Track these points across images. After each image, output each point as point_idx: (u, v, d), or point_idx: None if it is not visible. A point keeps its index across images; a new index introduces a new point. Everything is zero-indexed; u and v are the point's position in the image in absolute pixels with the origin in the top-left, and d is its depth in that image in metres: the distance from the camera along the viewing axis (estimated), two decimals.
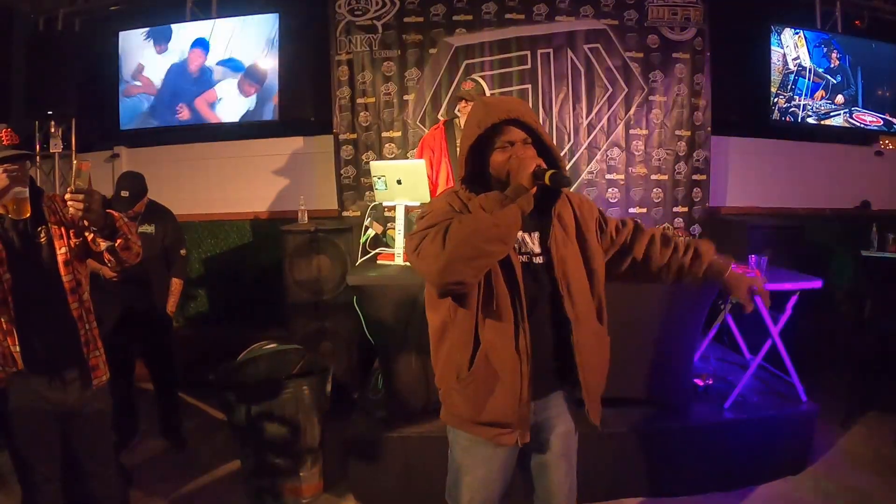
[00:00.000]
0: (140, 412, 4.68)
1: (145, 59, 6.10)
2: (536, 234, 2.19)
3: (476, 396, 2.16)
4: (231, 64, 6.01)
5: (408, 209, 4.02)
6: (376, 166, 4.05)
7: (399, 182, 3.92)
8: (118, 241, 2.57)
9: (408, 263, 3.86)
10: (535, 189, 1.97)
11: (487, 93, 4.76)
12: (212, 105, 6.07)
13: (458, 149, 4.63)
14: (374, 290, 3.77)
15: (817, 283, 4.17)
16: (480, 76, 5.52)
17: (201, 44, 6.03)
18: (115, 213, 2.58)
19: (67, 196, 2.33)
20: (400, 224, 3.94)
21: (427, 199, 3.99)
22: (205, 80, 6.06)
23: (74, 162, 2.39)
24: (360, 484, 3.84)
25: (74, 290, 2.63)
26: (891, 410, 4.88)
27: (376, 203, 4.18)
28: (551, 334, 2.19)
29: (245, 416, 3.64)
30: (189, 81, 6.07)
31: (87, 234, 2.59)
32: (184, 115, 6.09)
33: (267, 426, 3.65)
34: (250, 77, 6.01)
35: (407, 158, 5.54)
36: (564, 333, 2.18)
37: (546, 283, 2.17)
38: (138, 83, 6.12)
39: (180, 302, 6.01)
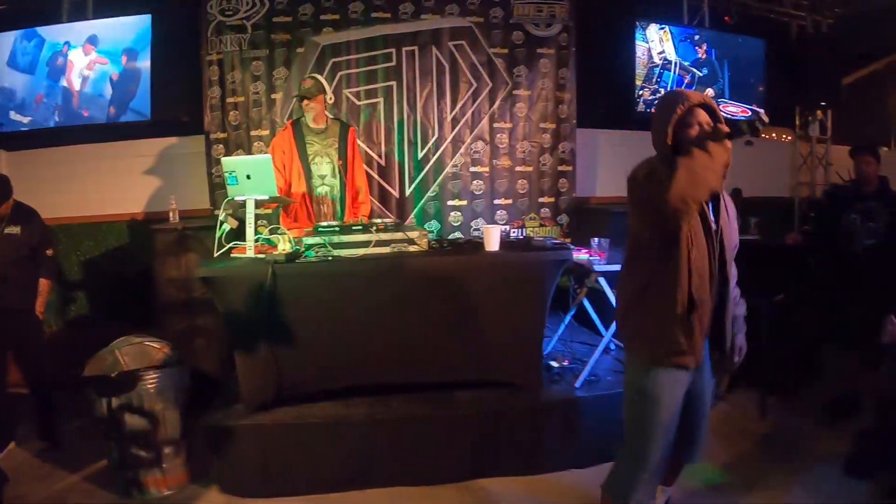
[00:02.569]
0: (17, 415, 4.67)
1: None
2: (711, 206, 2.68)
3: (691, 327, 2.62)
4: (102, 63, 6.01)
5: (258, 203, 4.12)
6: (227, 162, 4.11)
7: (248, 177, 4.00)
8: None
9: (259, 256, 3.97)
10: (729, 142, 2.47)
11: (327, 89, 4.87)
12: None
13: (307, 146, 4.78)
14: (222, 281, 3.83)
15: None
16: (346, 74, 5.65)
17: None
18: None
19: None
20: (250, 217, 4.02)
21: (275, 193, 4.11)
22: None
23: None
24: (222, 473, 3.88)
25: None
26: (756, 385, 5.07)
27: (229, 198, 4.24)
28: (715, 288, 2.68)
29: (107, 409, 3.69)
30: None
31: None
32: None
33: (128, 418, 3.70)
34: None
35: (260, 156, 5.52)
36: (723, 292, 2.71)
37: (716, 245, 2.65)
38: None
39: (60, 305, 6.04)
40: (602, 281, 4.37)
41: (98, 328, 6.11)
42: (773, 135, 8.06)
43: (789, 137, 8.65)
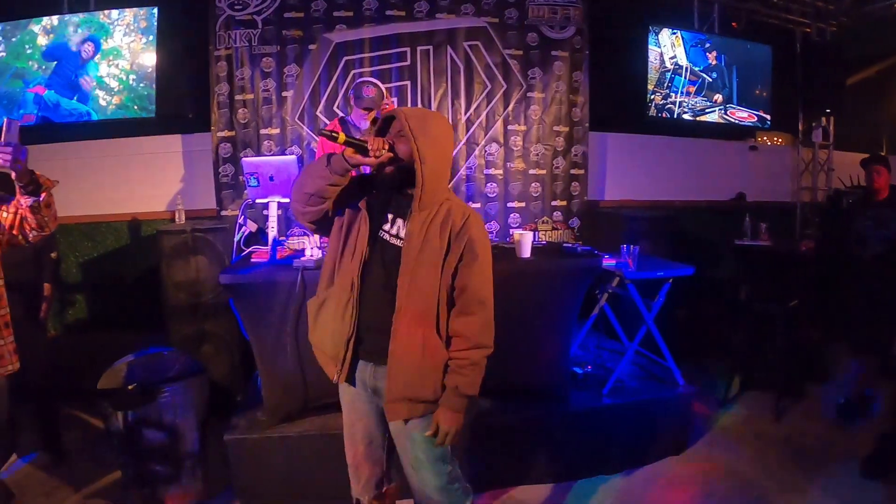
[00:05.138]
0: (19, 426, 4.47)
1: None
2: (405, 223, 2.41)
3: (315, 320, 2.58)
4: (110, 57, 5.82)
5: (281, 205, 4.00)
6: (248, 163, 4.01)
7: (271, 179, 3.88)
8: (42, 194, 2.61)
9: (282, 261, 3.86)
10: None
11: (385, 94, 4.77)
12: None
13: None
14: (247, 288, 3.69)
15: (689, 271, 4.33)
16: (359, 72, 5.53)
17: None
18: (37, 172, 2.60)
19: None
20: (273, 221, 3.89)
21: None
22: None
23: (5, 119, 2.42)
24: (243, 487, 3.75)
25: None
26: (767, 388, 5.11)
27: (250, 201, 4.11)
28: (386, 311, 2.38)
29: (122, 423, 3.53)
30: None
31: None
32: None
33: (145, 432, 3.56)
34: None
35: (285, 156, 5.43)
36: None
37: (393, 264, 2.38)
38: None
39: (58, 309, 5.84)
40: (632, 288, 4.29)
41: (98, 333, 5.95)
42: (779, 140, 8.05)
43: (780, 141, 8.68)
